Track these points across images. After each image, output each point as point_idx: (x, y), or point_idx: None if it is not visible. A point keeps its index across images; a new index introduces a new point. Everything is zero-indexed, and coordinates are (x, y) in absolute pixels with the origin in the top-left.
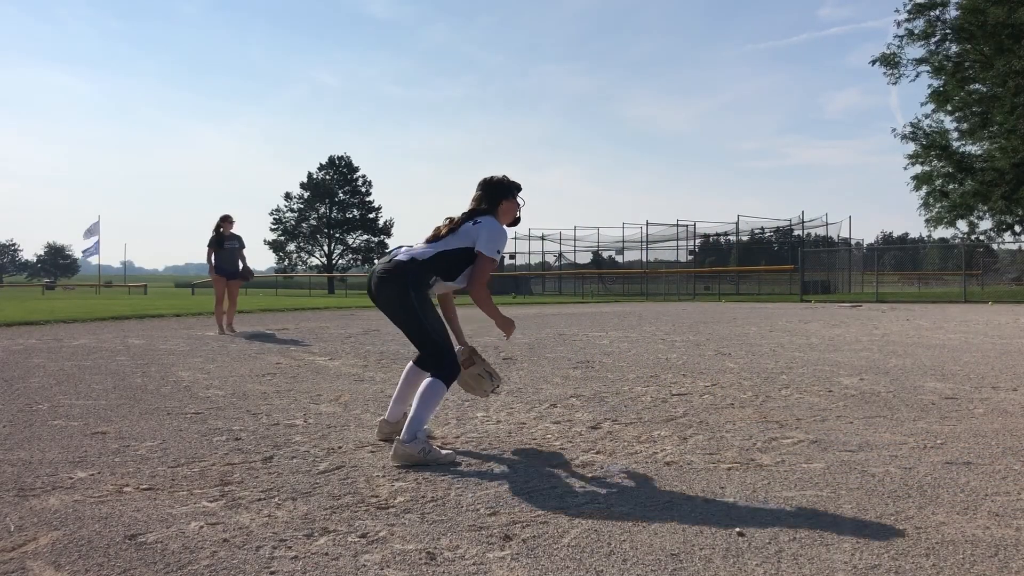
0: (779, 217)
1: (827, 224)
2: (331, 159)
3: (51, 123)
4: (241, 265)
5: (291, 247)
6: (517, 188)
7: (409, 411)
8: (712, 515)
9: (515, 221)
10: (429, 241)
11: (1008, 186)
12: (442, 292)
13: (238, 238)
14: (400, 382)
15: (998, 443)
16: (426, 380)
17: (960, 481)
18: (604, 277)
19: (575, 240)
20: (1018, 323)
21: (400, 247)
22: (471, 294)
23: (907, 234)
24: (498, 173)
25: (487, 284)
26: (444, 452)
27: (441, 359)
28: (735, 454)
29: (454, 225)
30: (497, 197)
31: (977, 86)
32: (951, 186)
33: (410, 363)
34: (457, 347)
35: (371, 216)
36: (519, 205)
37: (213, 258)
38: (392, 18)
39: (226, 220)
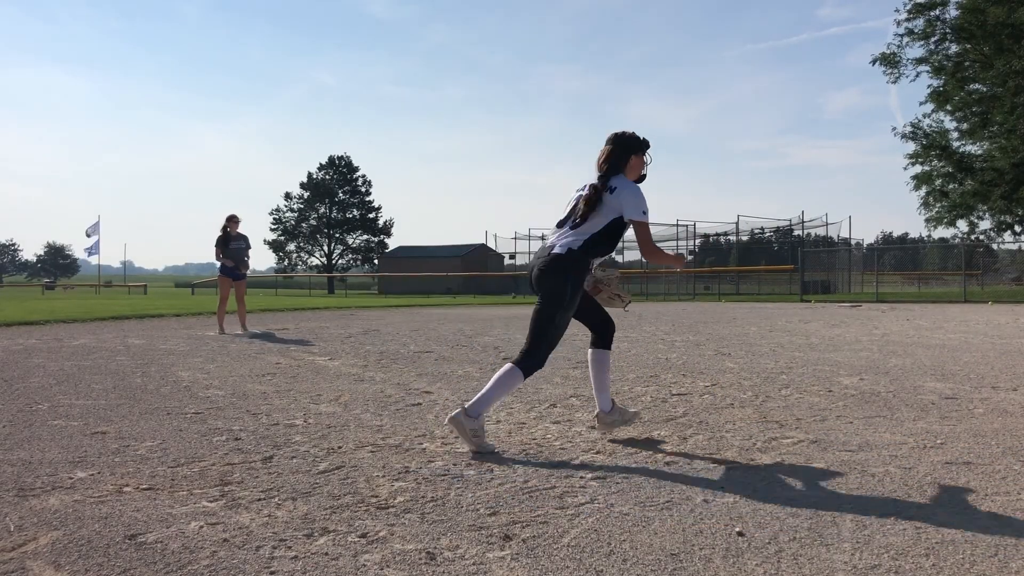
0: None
1: (827, 224)
2: (331, 159)
3: (51, 123)
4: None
5: (291, 247)
6: (646, 144)
7: (601, 388)
8: (712, 515)
9: (641, 178)
10: (571, 222)
11: (1008, 186)
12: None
13: (244, 238)
14: (591, 372)
15: (998, 443)
16: (506, 366)
17: (960, 481)
18: None
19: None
20: (1018, 323)
21: (555, 233)
22: (646, 259)
23: (907, 234)
24: (629, 129)
25: (651, 242)
26: (489, 443)
27: (535, 353)
28: (735, 454)
29: (593, 202)
30: (627, 152)
31: (977, 86)
32: (951, 186)
33: (589, 350)
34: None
35: (371, 216)
36: (646, 162)
37: (220, 257)
38: (392, 18)
39: (232, 220)
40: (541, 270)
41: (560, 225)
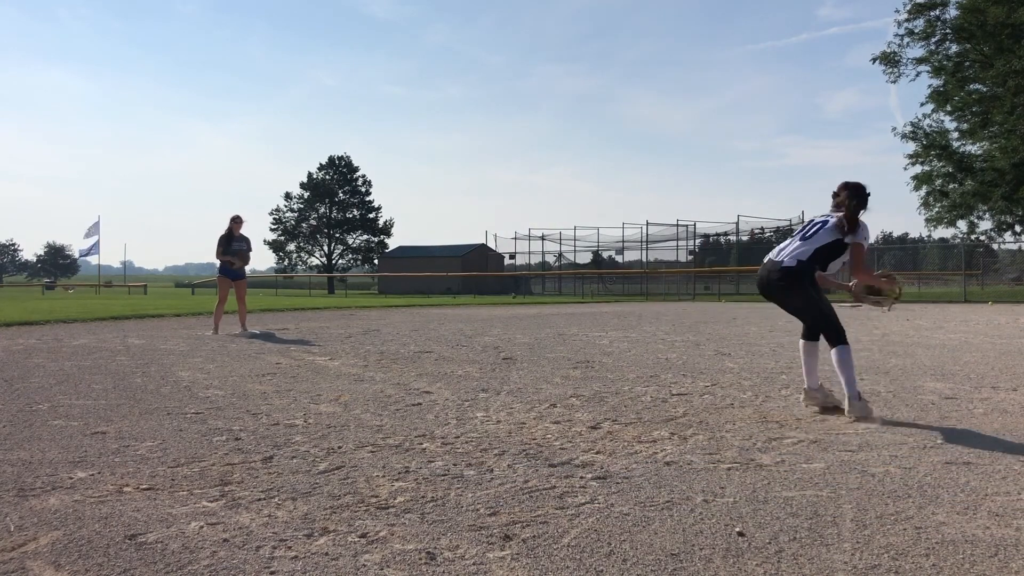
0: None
1: None
2: (331, 159)
3: (51, 123)
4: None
5: (291, 247)
6: (866, 197)
7: (838, 378)
8: (712, 515)
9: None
10: (804, 237)
11: (1008, 186)
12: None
13: (246, 239)
14: (803, 358)
15: (998, 443)
16: (833, 352)
17: (960, 481)
18: (604, 277)
19: (575, 240)
20: (1018, 323)
21: (782, 247)
22: (855, 274)
23: (907, 234)
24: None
25: (864, 261)
26: (871, 407)
27: (837, 331)
28: (735, 454)
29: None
30: (863, 202)
31: (977, 86)
32: (951, 186)
33: (801, 341)
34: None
35: (371, 216)
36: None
37: (220, 255)
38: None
39: (236, 221)
40: (777, 281)
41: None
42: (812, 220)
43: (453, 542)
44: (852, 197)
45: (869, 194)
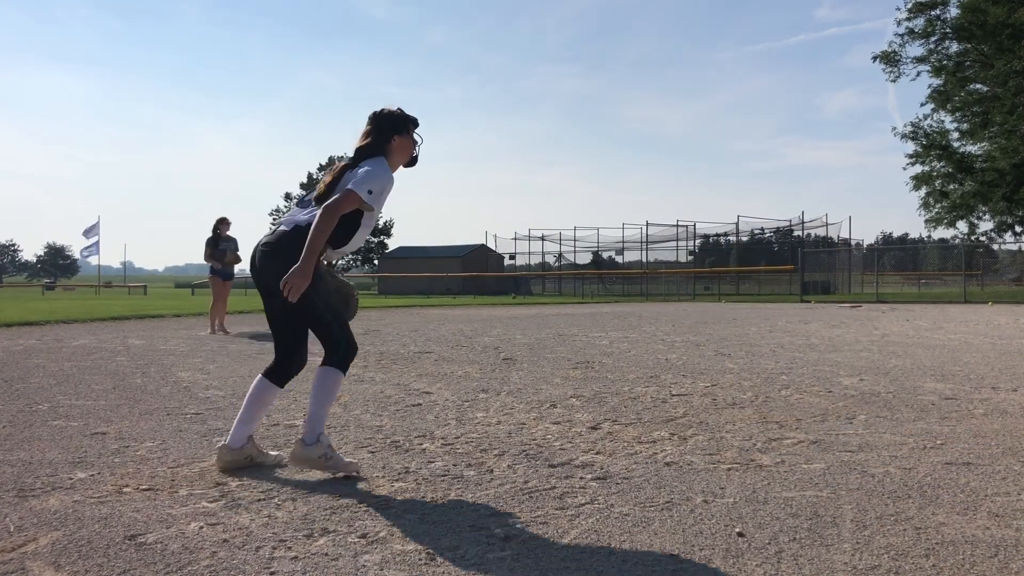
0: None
1: (827, 224)
2: (331, 159)
3: (51, 123)
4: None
5: None
6: (414, 122)
7: (308, 408)
8: (712, 515)
9: (411, 161)
10: (317, 200)
11: (1008, 186)
12: (337, 259)
13: (233, 240)
14: (247, 399)
15: (998, 443)
16: (319, 370)
17: (960, 481)
18: (604, 277)
19: (575, 240)
20: (1018, 323)
21: (290, 212)
22: (321, 212)
23: (907, 234)
24: (393, 106)
25: (334, 218)
26: (348, 461)
27: (335, 342)
28: (735, 454)
29: (336, 176)
30: (388, 132)
31: (977, 86)
32: (951, 186)
33: (259, 376)
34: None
35: None
36: (415, 142)
37: (209, 257)
38: (392, 19)
39: (223, 222)
40: (263, 252)
41: (299, 205)
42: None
43: (453, 542)
44: (371, 127)
45: (406, 123)
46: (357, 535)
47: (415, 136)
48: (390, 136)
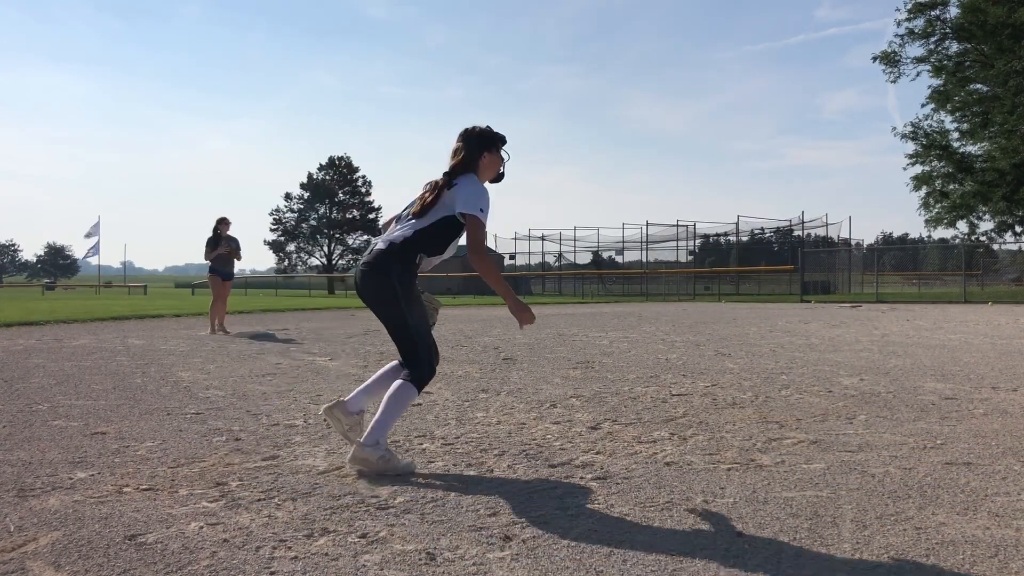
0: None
1: (827, 224)
2: (331, 159)
3: (51, 123)
4: (235, 264)
5: (291, 247)
6: (502, 140)
7: (375, 413)
8: (712, 515)
9: (499, 177)
10: (414, 215)
11: (1008, 186)
12: (430, 267)
13: (234, 240)
14: (377, 374)
15: (998, 443)
16: (396, 383)
17: (960, 481)
18: (604, 277)
19: (575, 240)
20: (1018, 323)
21: (386, 232)
22: (473, 265)
23: (907, 234)
24: (481, 123)
25: (485, 251)
26: (404, 462)
27: (418, 362)
28: (735, 454)
29: (435, 196)
30: (479, 149)
31: (977, 86)
32: (951, 186)
33: (394, 362)
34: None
35: (371, 216)
36: (503, 159)
37: (209, 257)
38: (392, 19)
39: (223, 222)
40: (363, 271)
41: (396, 221)
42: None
43: (453, 542)
44: (463, 146)
45: (496, 140)
46: (357, 535)
47: (503, 153)
48: (480, 153)
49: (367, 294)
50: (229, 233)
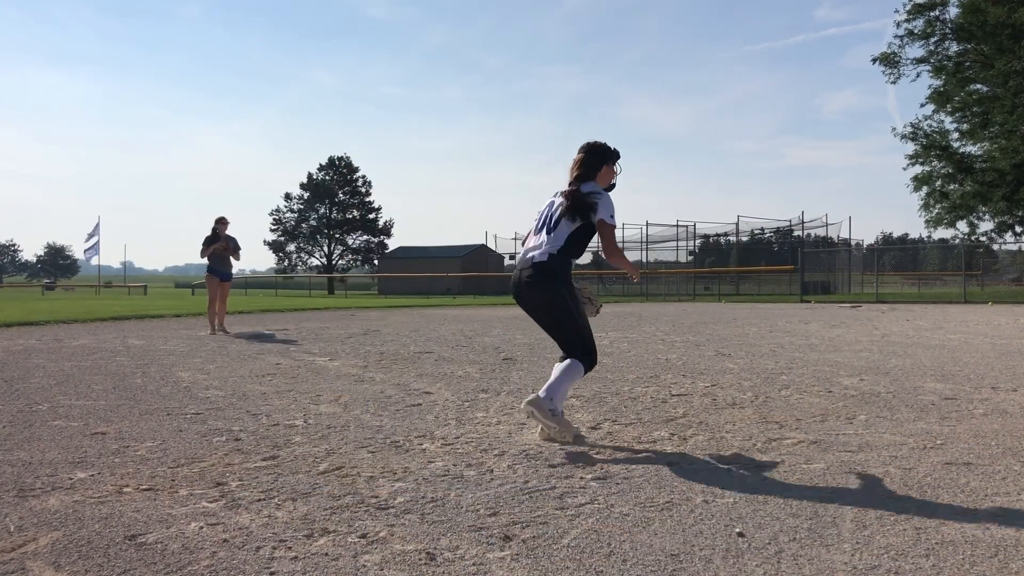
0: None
1: (827, 224)
2: (331, 159)
3: (51, 123)
4: (233, 263)
5: (291, 247)
6: (616, 154)
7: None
8: (712, 515)
9: (610, 187)
10: (548, 228)
11: (1008, 187)
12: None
13: (232, 239)
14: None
15: (998, 443)
16: (568, 360)
17: (960, 481)
18: (604, 277)
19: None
20: (1018, 323)
21: (529, 245)
22: (609, 262)
23: (907, 234)
24: (600, 139)
25: (615, 245)
26: (572, 425)
27: (585, 351)
28: (735, 454)
29: (572, 203)
30: (599, 161)
31: (977, 86)
32: (951, 187)
33: (556, 364)
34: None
35: (371, 216)
36: (616, 172)
37: (207, 257)
38: (391, 19)
39: (221, 221)
40: (528, 282)
41: (536, 233)
42: (552, 202)
43: (453, 542)
44: (585, 158)
45: (614, 154)
46: (357, 535)
47: (616, 166)
48: (600, 165)
49: (534, 302)
50: (228, 232)
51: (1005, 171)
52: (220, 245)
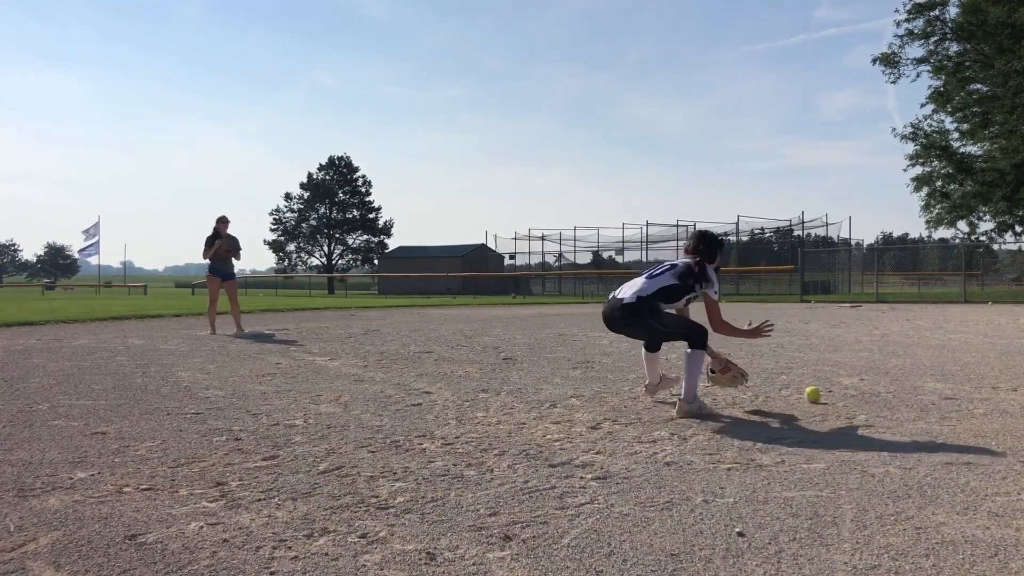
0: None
1: (827, 224)
2: (331, 159)
3: (51, 123)
4: (234, 263)
5: (291, 247)
6: (723, 246)
7: (680, 376)
8: (712, 515)
9: (717, 268)
10: (650, 274)
11: (1009, 187)
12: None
13: (233, 239)
14: (645, 363)
15: (998, 443)
16: (686, 351)
17: (960, 481)
18: (604, 277)
19: (575, 240)
20: (1018, 323)
21: (628, 284)
22: (719, 332)
23: (907, 234)
24: (713, 230)
25: (724, 322)
26: (712, 410)
27: (692, 336)
28: (735, 454)
29: (698, 273)
30: (713, 251)
31: (977, 86)
32: (952, 187)
33: (643, 351)
34: (709, 361)
35: (371, 216)
36: (720, 257)
37: (209, 257)
38: (391, 19)
39: (222, 221)
40: (621, 317)
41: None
42: (662, 261)
43: (453, 542)
44: (702, 245)
45: (723, 245)
46: (357, 535)
47: (720, 254)
48: (714, 254)
49: (621, 328)
50: (228, 232)
51: (1005, 171)
52: (221, 245)
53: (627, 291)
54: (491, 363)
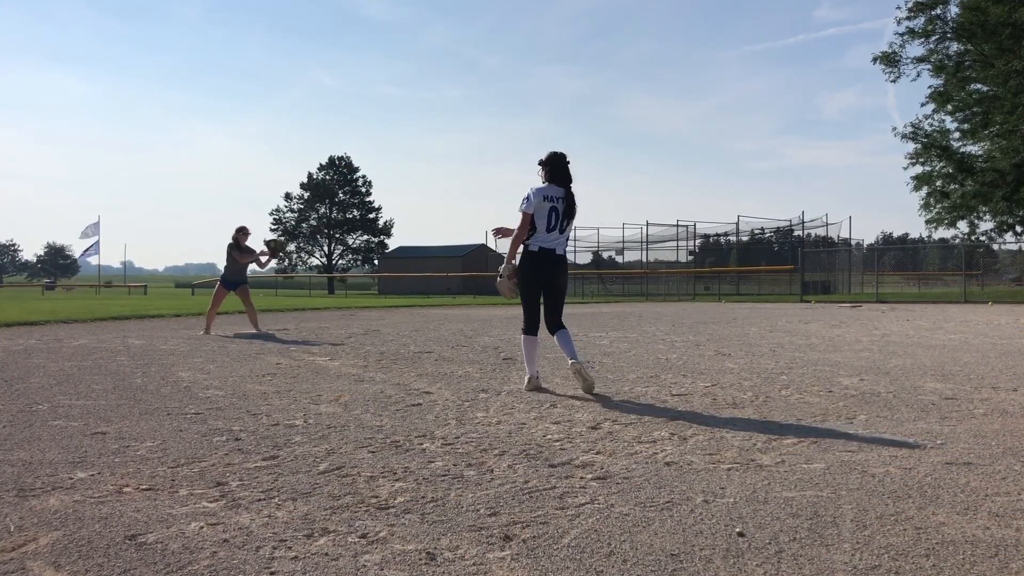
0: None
1: (827, 224)
2: (331, 159)
3: (51, 123)
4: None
5: (291, 247)
6: (540, 162)
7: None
8: (712, 515)
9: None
10: (560, 228)
11: (1009, 187)
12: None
13: (252, 251)
14: (558, 343)
15: (998, 443)
16: (562, 332)
17: (960, 481)
18: (604, 277)
19: (575, 240)
20: (1018, 323)
21: (551, 235)
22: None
23: (907, 234)
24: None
25: (520, 232)
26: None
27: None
28: (735, 454)
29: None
30: (547, 169)
31: (977, 86)
32: (952, 186)
33: (533, 337)
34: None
35: (371, 216)
36: (539, 174)
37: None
38: (391, 20)
39: (242, 232)
40: (564, 271)
41: (554, 230)
42: (554, 200)
43: (453, 542)
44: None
45: (561, 158)
46: (357, 535)
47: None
48: (548, 172)
49: (563, 278)
50: (247, 244)
51: (1005, 171)
52: (266, 252)
53: (559, 245)
54: (491, 363)
